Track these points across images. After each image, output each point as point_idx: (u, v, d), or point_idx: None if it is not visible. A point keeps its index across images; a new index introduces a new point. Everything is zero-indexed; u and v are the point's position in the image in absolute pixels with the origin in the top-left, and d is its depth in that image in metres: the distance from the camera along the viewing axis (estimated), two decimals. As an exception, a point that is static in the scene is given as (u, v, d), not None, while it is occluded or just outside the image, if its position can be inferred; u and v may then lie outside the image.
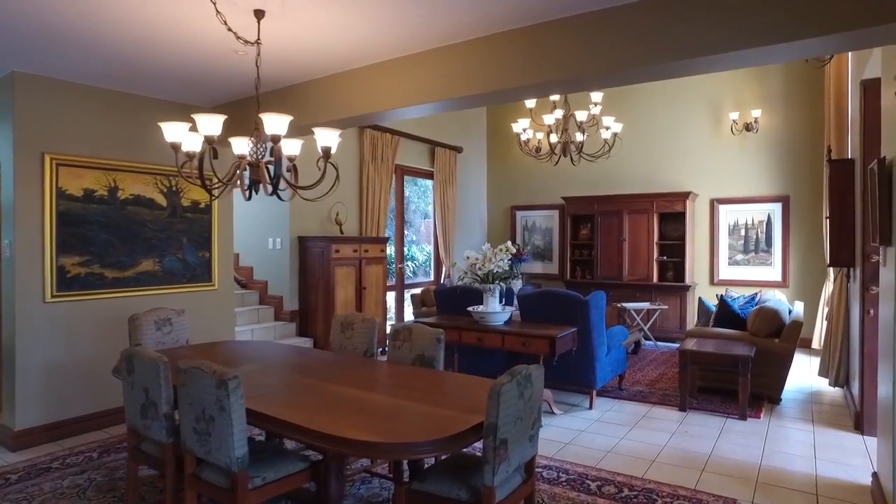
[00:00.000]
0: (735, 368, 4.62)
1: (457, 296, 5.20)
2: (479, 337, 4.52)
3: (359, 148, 7.33)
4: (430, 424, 2.31)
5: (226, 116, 2.86)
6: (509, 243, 4.59)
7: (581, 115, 5.71)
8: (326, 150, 2.95)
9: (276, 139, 2.77)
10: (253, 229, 7.08)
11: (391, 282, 7.99)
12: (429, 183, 8.85)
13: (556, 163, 6.34)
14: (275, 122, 2.72)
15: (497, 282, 4.54)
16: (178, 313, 4.03)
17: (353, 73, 3.96)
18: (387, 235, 7.51)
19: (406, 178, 8.53)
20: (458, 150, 9.10)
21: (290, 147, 2.98)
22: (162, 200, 4.67)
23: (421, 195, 9.06)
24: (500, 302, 4.67)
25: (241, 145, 2.83)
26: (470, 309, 4.68)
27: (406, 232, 8.66)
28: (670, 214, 8.06)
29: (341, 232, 6.86)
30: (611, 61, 2.91)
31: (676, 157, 8.38)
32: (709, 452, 3.87)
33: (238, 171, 2.89)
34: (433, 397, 2.67)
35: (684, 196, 7.87)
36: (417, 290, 7.95)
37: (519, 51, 3.18)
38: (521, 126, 6.30)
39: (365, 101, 3.91)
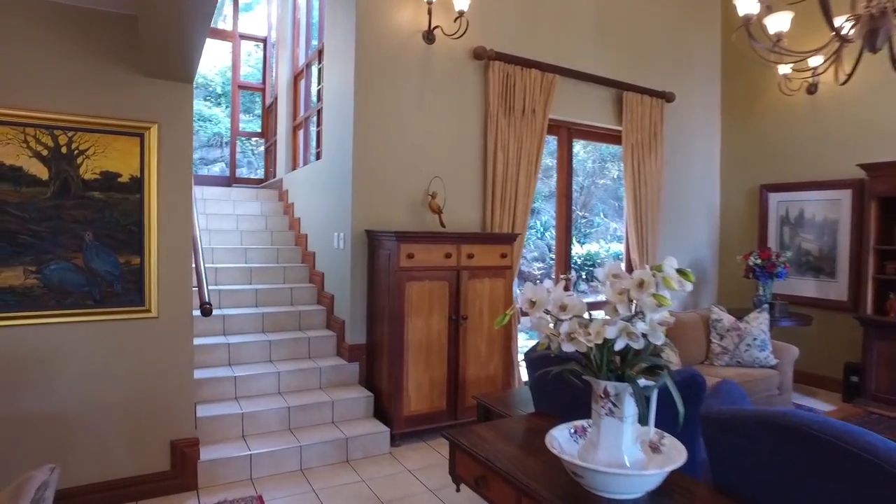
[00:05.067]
0: None
1: (550, 383, 2.20)
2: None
3: (482, 89, 4.65)
4: None
5: None
6: (669, 264, 1.51)
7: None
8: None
9: None
10: (321, 217, 4.95)
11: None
12: (614, 150, 5.68)
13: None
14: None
15: (633, 373, 1.52)
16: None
17: None
18: (515, 233, 4.70)
19: (575, 141, 5.54)
20: (666, 97, 5.72)
21: None
22: (39, 170, 2.73)
23: (598, 166, 5.90)
24: (647, 414, 1.60)
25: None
26: (555, 449, 1.68)
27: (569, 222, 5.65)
28: None
29: (441, 223, 4.29)
30: None
31: None
32: None
33: None
34: None
35: None
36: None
37: None
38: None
39: None
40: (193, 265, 3.47)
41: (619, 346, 1.52)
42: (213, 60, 12.02)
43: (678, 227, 6.08)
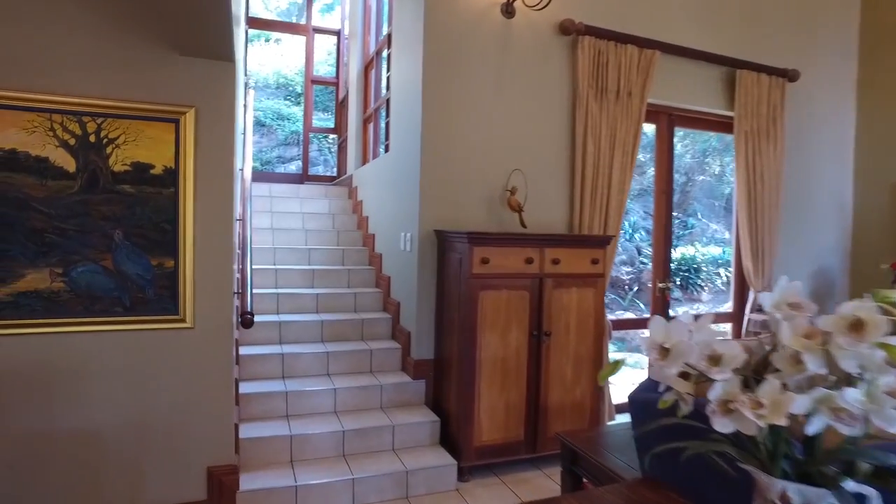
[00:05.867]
0: None
1: (665, 438, 1.59)
2: None
3: (569, 69, 4.03)
4: None
5: None
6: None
7: None
8: None
9: None
10: (388, 215, 4.52)
11: (614, 312, 4.43)
12: (719, 140, 4.86)
13: None
14: None
15: (838, 473, 0.92)
16: None
17: None
18: (608, 234, 4.04)
19: (677, 129, 4.79)
20: (788, 75, 4.82)
21: None
22: (65, 161, 2.43)
23: (695, 161, 5.07)
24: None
25: None
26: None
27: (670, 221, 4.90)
28: None
29: (521, 223, 3.72)
30: None
31: None
32: None
33: None
34: None
35: None
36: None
37: None
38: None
39: None
40: (239, 267, 3.11)
41: (814, 428, 0.91)
42: (292, 60, 12.03)
43: (801, 230, 5.16)
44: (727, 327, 5.14)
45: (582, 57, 3.97)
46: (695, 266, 9.42)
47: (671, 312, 4.76)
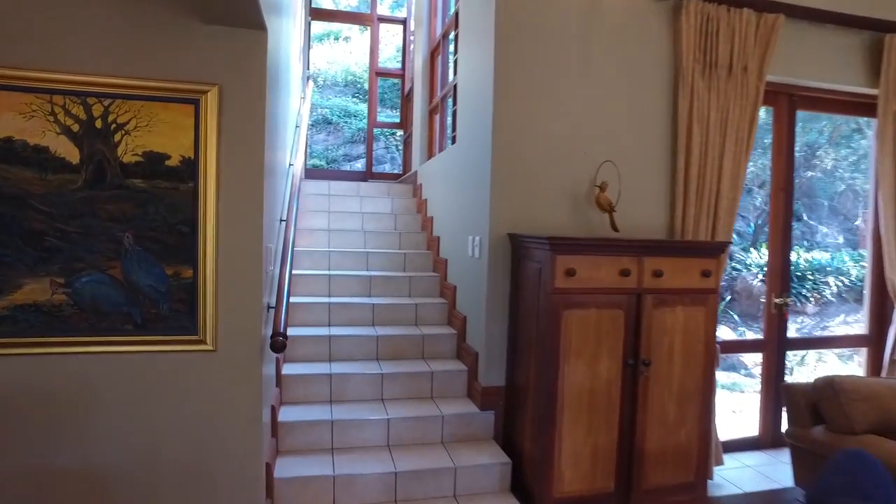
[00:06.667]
0: None
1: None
2: None
3: (670, 41, 3.35)
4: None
5: None
6: None
7: None
8: None
9: None
10: (454, 216, 3.98)
11: (724, 330, 3.69)
12: (863, 124, 3.97)
13: None
14: None
15: None
16: None
17: None
18: (722, 241, 3.33)
19: (800, 113, 3.97)
20: (954, 40, 3.88)
21: None
22: (68, 151, 2.05)
23: (802, 154, 4.18)
24: None
25: None
26: None
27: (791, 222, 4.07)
28: None
29: (613, 225, 3.08)
30: None
31: None
32: None
33: None
34: None
35: None
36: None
37: None
38: None
39: None
40: (276, 271, 2.66)
41: None
42: (360, 57, 11.78)
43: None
44: (861, 354, 4.25)
45: (686, 25, 3.28)
46: (798, 274, 8.31)
47: (786, 331, 3.95)
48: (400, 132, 8.35)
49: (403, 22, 7.11)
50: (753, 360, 6.74)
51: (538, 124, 3.13)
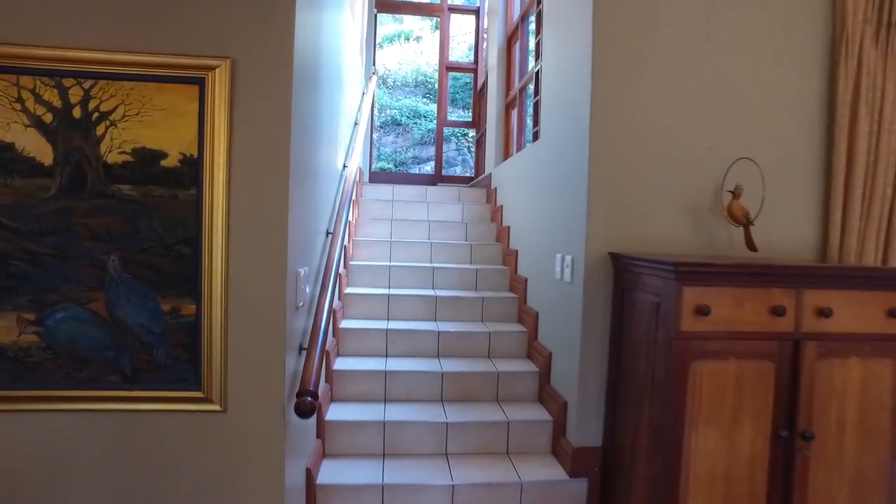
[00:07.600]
0: None
1: None
2: None
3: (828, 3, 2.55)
4: None
5: None
6: None
7: None
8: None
9: None
10: (536, 228, 3.33)
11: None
12: None
13: None
14: None
15: None
16: None
17: None
18: (918, 259, 2.48)
19: None
20: None
21: None
22: (39, 149, 1.57)
23: None
24: None
25: None
26: None
27: None
28: None
29: (750, 244, 2.33)
30: None
31: None
32: None
33: None
34: None
35: None
36: None
37: None
38: None
39: None
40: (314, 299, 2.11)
41: None
42: (430, 56, 11.30)
43: None
44: None
45: (853, -22, 2.47)
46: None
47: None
48: (472, 132, 7.75)
49: (476, 12, 6.51)
50: None
51: (649, 112, 2.43)
